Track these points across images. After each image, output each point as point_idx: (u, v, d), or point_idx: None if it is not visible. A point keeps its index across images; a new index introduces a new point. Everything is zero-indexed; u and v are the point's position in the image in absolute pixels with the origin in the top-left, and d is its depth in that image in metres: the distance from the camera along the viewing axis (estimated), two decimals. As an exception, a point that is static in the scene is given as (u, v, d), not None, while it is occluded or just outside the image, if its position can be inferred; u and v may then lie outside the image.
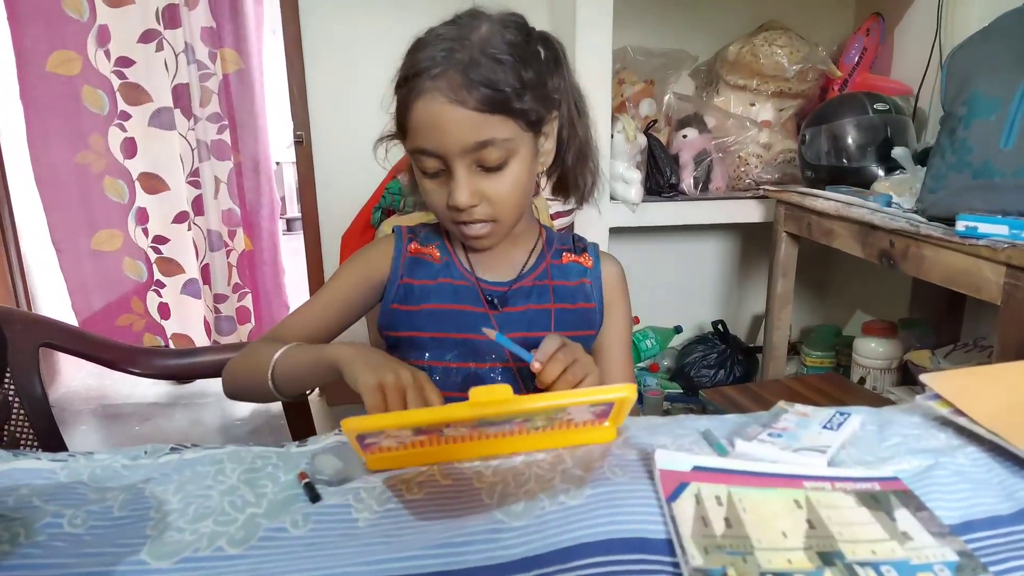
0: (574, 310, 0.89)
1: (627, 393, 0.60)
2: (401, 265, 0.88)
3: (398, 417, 0.60)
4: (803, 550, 0.49)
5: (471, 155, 0.75)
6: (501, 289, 0.88)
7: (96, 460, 0.64)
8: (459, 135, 0.74)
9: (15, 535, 0.53)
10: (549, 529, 0.52)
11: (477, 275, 0.88)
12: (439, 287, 0.87)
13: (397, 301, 0.87)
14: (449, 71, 0.73)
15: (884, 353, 1.91)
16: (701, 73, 2.30)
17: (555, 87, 0.81)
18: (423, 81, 0.73)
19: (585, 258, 0.93)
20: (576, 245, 0.94)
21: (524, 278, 0.89)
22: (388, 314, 0.88)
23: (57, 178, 2.46)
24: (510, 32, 0.77)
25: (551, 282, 0.89)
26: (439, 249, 0.90)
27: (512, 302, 0.87)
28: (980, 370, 0.76)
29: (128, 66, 2.42)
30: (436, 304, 0.86)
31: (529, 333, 0.85)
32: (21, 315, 1.14)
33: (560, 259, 0.92)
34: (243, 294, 2.70)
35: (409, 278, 0.87)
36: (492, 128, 0.74)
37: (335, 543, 0.52)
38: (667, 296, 2.52)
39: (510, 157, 0.77)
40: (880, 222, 1.46)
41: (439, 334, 0.85)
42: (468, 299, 0.86)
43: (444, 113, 0.73)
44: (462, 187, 0.76)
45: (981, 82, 1.27)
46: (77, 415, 2.55)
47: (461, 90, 0.72)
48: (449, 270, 0.88)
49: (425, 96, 0.73)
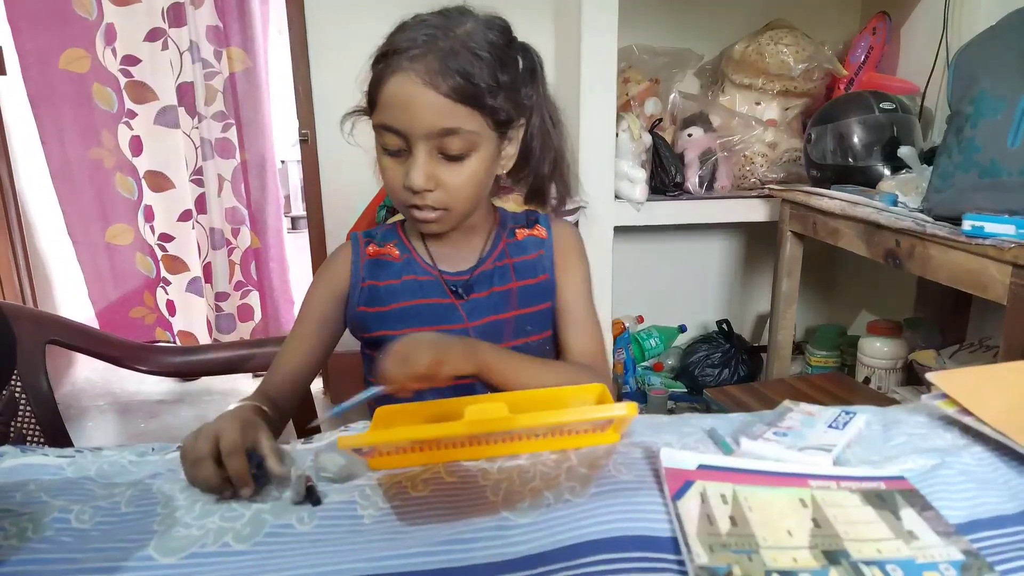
0: (535, 284, 0.90)
1: (627, 412, 0.59)
2: (361, 268, 0.89)
3: (393, 434, 0.60)
4: (808, 549, 0.49)
5: (434, 140, 0.76)
6: (463, 278, 0.89)
7: (103, 456, 0.65)
8: (426, 118, 0.75)
9: (23, 530, 0.53)
10: (554, 527, 0.53)
11: (439, 268, 0.90)
12: (404, 285, 0.88)
13: (363, 304, 0.89)
14: (428, 55, 0.74)
15: (889, 353, 1.90)
16: (706, 72, 2.30)
17: (528, 96, 0.83)
18: (400, 60, 0.75)
19: (539, 229, 0.93)
20: (528, 219, 0.95)
21: (484, 262, 0.90)
22: (356, 317, 0.89)
23: (72, 173, 2.49)
24: (493, 33, 0.79)
25: (510, 260, 0.90)
26: (398, 247, 0.91)
27: (477, 288, 0.88)
28: (986, 369, 0.76)
29: (134, 64, 2.43)
30: (404, 302, 0.88)
31: (496, 316, 0.88)
32: (28, 312, 1.14)
33: (515, 237, 0.93)
34: (246, 292, 2.71)
35: (372, 280, 0.89)
36: (459, 118, 0.76)
37: (341, 540, 0.53)
38: (671, 295, 2.52)
39: (472, 150, 0.79)
40: (886, 221, 1.46)
41: (411, 330, 0.85)
42: (434, 292, 0.88)
43: (416, 94, 0.74)
44: (419, 169, 0.77)
45: (988, 81, 1.27)
46: (84, 411, 2.56)
47: (436, 75, 0.74)
48: (411, 267, 0.90)
49: (400, 74, 0.74)
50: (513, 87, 0.80)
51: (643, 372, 2.35)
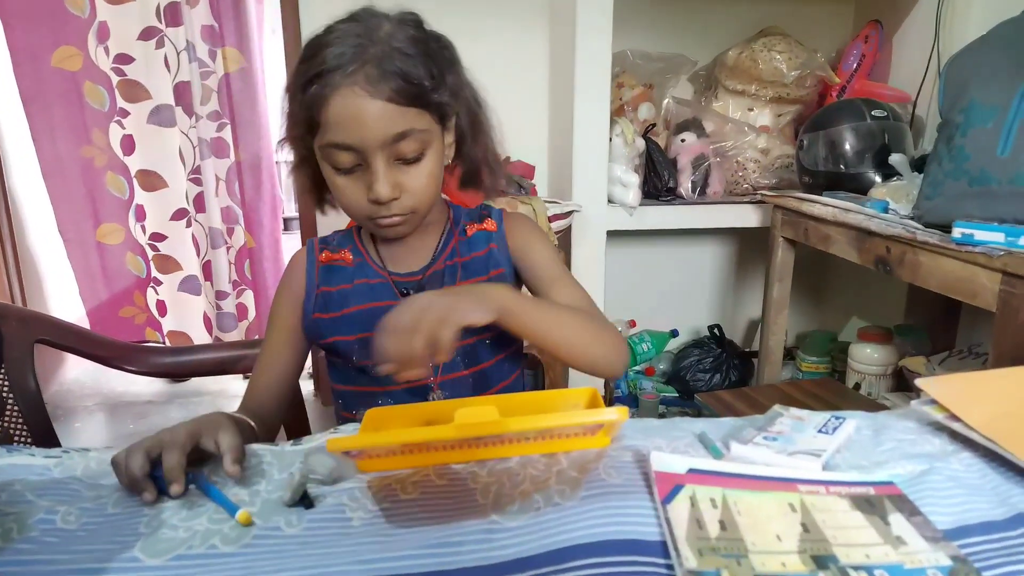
0: (487, 281, 0.89)
1: (617, 416, 0.59)
2: (316, 274, 0.89)
3: (383, 437, 0.60)
4: (797, 553, 0.50)
5: (389, 148, 0.76)
6: (415, 279, 0.88)
7: (90, 456, 0.64)
8: (379, 127, 0.74)
9: (8, 530, 0.53)
10: (544, 530, 0.52)
11: (389, 269, 0.89)
12: (355, 289, 0.88)
13: (317, 310, 0.88)
14: (365, 66, 0.73)
15: (879, 359, 1.91)
16: (700, 78, 2.31)
17: (453, 82, 0.82)
18: (336, 76, 0.73)
19: (489, 223, 0.92)
20: (480, 214, 0.94)
21: (436, 262, 0.89)
22: (312, 324, 0.89)
23: (63, 171, 2.48)
24: (411, 28, 0.79)
25: (460, 259, 0.90)
26: (352, 252, 0.91)
27: (429, 287, 0.87)
28: (975, 376, 0.76)
29: (127, 63, 2.42)
30: (355, 306, 0.87)
31: None
32: (16, 311, 1.13)
33: (465, 234, 0.92)
34: (241, 291, 2.70)
35: (325, 286, 0.89)
36: (409, 120, 0.75)
37: (329, 542, 0.52)
38: (664, 300, 2.52)
39: (426, 149, 0.78)
40: (877, 228, 1.46)
41: (363, 335, 0.86)
42: (384, 295, 0.87)
43: (363, 106, 0.73)
44: (382, 180, 0.76)
45: (978, 90, 1.28)
46: (72, 411, 2.54)
47: (379, 83, 0.73)
48: (364, 270, 0.89)
49: (342, 90, 0.73)
50: (442, 77, 0.79)
51: (635, 376, 2.35)
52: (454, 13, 2.35)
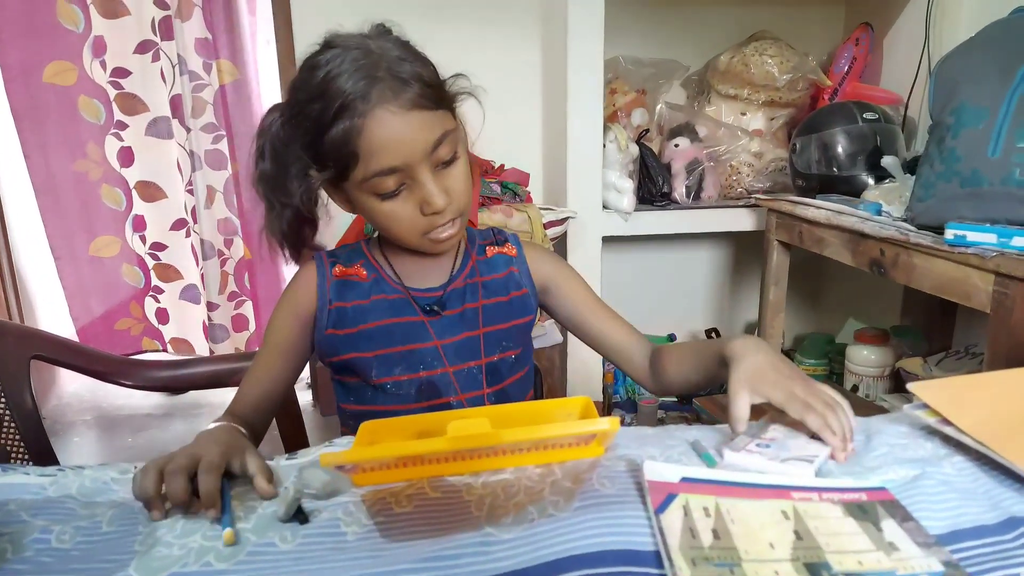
0: (507, 301, 0.90)
1: (609, 426, 0.59)
2: (328, 290, 0.86)
3: (376, 451, 0.60)
4: (790, 561, 0.50)
5: (431, 156, 0.75)
6: (435, 295, 0.87)
7: (85, 475, 0.64)
8: (419, 139, 0.74)
9: (2, 551, 0.53)
10: (538, 542, 0.53)
11: (406, 285, 0.88)
12: (373, 305, 0.86)
13: (331, 326, 0.86)
14: (382, 83, 0.72)
15: (876, 361, 1.92)
16: (692, 83, 2.32)
17: None
18: (360, 104, 0.71)
19: (508, 247, 0.93)
20: (497, 238, 0.95)
21: (456, 279, 0.89)
22: (324, 341, 0.86)
23: (56, 186, 2.47)
24: (392, 36, 0.79)
25: (480, 279, 0.90)
26: (365, 268, 0.88)
27: (449, 305, 0.87)
28: (967, 379, 0.76)
29: (124, 76, 2.42)
30: (374, 322, 0.85)
31: (466, 333, 0.87)
32: (12, 328, 1.13)
33: (484, 254, 0.92)
34: (241, 302, 2.70)
35: (340, 301, 0.86)
36: (440, 122, 0.76)
37: (324, 557, 0.52)
38: (660, 304, 2.53)
39: (457, 147, 0.78)
40: (870, 230, 1.47)
41: (382, 351, 0.85)
42: (403, 310, 0.86)
43: (399, 123, 0.72)
44: (435, 191, 0.76)
45: (968, 92, 1.28)
46: (70, 426, 2.54)
47: (402, 94, 0.72)
48: (380, 286, 0.87)
49: (374, 114, 0.71)
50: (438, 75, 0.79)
51: (633, 382, 2.35)
52: (446, 22, 2.37)
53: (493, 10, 2.18)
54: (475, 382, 0.87)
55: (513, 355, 0.91)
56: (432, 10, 2.16)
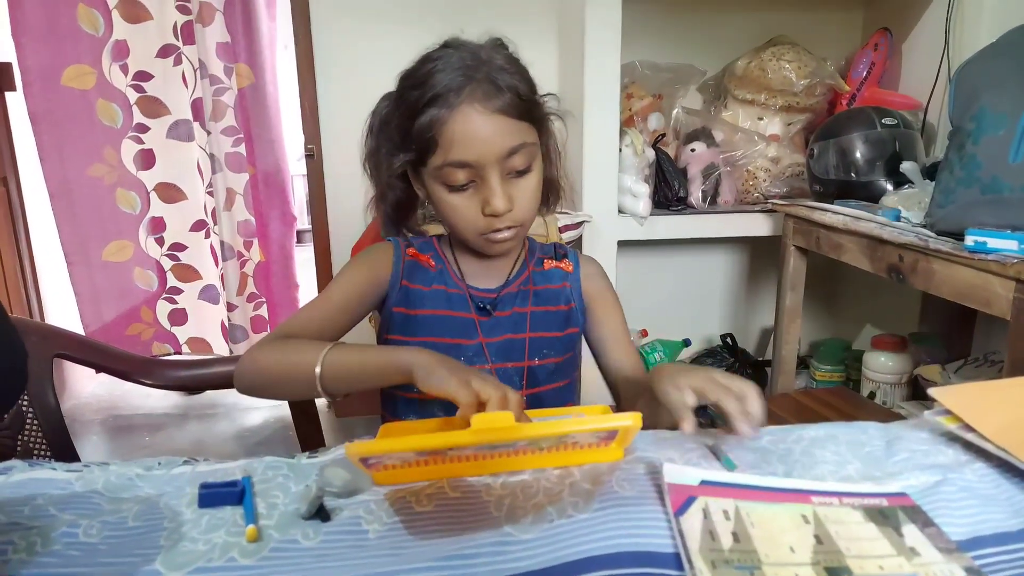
0: (555, 311, 0.94)
1: (632, 422, 0.60)
2: (402, 269, 0.92)
3: (401, 443, 0.60)
4: (811, 565, 0.50)
5: (503, 162, 0.79)
6: (491, 295, 0.92)
7: (110, 470, 0.65)
8: (496, 141, 0.77)
9: (31, 544, 0.54)
10: (557, 542, 0.53)
11: (468, 283, 0.92)
12: (433, 293, 0.91)
13: (398, 303, 0.91)
14: (478, 84, 0.77)
15: (894, 368, 1.90)
16: (709, 87, 2.31)
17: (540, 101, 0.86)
18: (452, 97, 0.76)
19: (566, 263, 0.98)
20: (557, 252, 0.99)
21: (511, 284, 0.93)
22: (390, 316, 0.91)
23: (70, 191, 2.48)
24: (505, 51, 0.83)
25: (533, 287, 0.94)
26: (434, 259, 0.94)
27: (501, 307, 0.92)
28: (989, 385, 0.76)
29: (146, 80, 2.45)
30: (430, 310, 0.90)
31: (513, 335, 0.91)
32: (35, 326, 1.15)
33: (542, 266, 0.97)
34: (259, 303, 2.73)
35: (408, 281, 0.91)
36: (521, 133, 0.79)
37: (345, 555, 0.53)
38: (675, 309, 2.52)
39: (532, 161, 0.82)
40: (889, 236, 1.46)
41: (429, 339, 0.88)
42: (459, 305, 0.91)
43: (482, 122, 0.77)
44: (499, 194, 0.79)
45: (989, 97, 1.28)
46: (87, 426, 2.57)
47: (493, 98, 0.77)
48: (443, 277, 0.92)
49: (462, 108, 0.76)
50: (536, 93, 0.84)
51: (647, 386, 2.34)
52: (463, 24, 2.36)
53: (510, 13, 2.19)
54: (513, 383, 0.90)
55: (553, 363, 0.93)
56: (449, 12, 2.17)
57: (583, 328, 0.98)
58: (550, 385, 0.94)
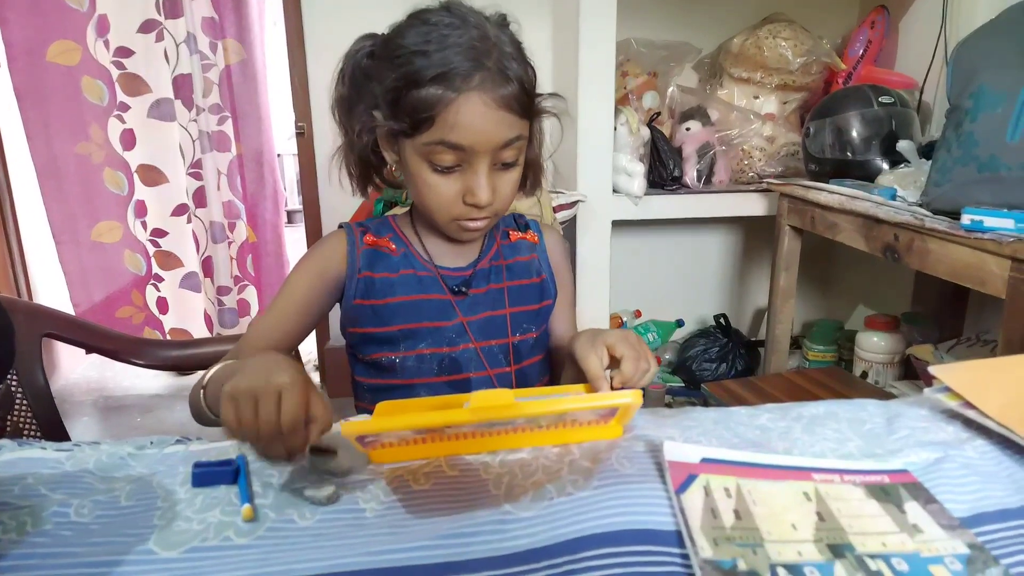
0: (529, 285, 0.93)
1: (632, 399, 0.59)
2: (358, 259, 0.86)
3: (398, 421, 0.59)
4: (813, 542, 0.49)
5: (495, 153, 0.76)
6: (464, 274, 0.89)
7: (102, 450, 0.64)
8: (495, 133, 0.75)
9: (22, 524, 0.52)
10: (557, 520, 0.52)
11: (436, 264, 0.88)
12: (402, 279, 0.86)
13: (359, 296, 0.85)
14: (487, 71, 0.73)
15: (886, 347, 1.91)
16: (705, 66, 2.29)
17: None
18: (459, 81, 0.73)
19: (530, 234, 0.96)
20: (518, 223, 0.97)
21: (481, 260, 0.90)
22: (351, 310, 0.86)
23: (57, 169, 2.43)
24: (509, 30, 0.79)
25: (504, 261, 0.92)
26: (393, 241, 0.89)
27: (475, 284, 0.89)
28: (989, 363, 0.76)
29: (127, 56, 2.40)
30: (402, 296, 0.86)
31: (492, 312, 0.89)
32: (23, 305, 1.13)
33: (508, 239, 0.94)
34: (243, 286, 2.69)
35: (369, 271, 0.86)
36: (517, 127, 0.77)
37: (343, 534, 0.52)
38: (669, 289, 2.52)
39: (520, 154, 0.80)
40: (885, 216, 1.46)
41: (409, 325, 0.86)
42: (432, 288, 0.87)
43: (486, 112, 0.74)
44: (484, 185, 0.77)
45: (988, 75, 1.27)
46: (78, 406, 2.55)
47: (501, 89, 0.74)
48: (409, 261, 0.88)
49: (470, 95, 0.73)
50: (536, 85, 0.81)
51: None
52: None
53: (503, -10, 2.15)
54: (498, 360, 0.89)
55: (532, 338, 0.92)
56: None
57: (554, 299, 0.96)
58: (531, 359, 0.92)
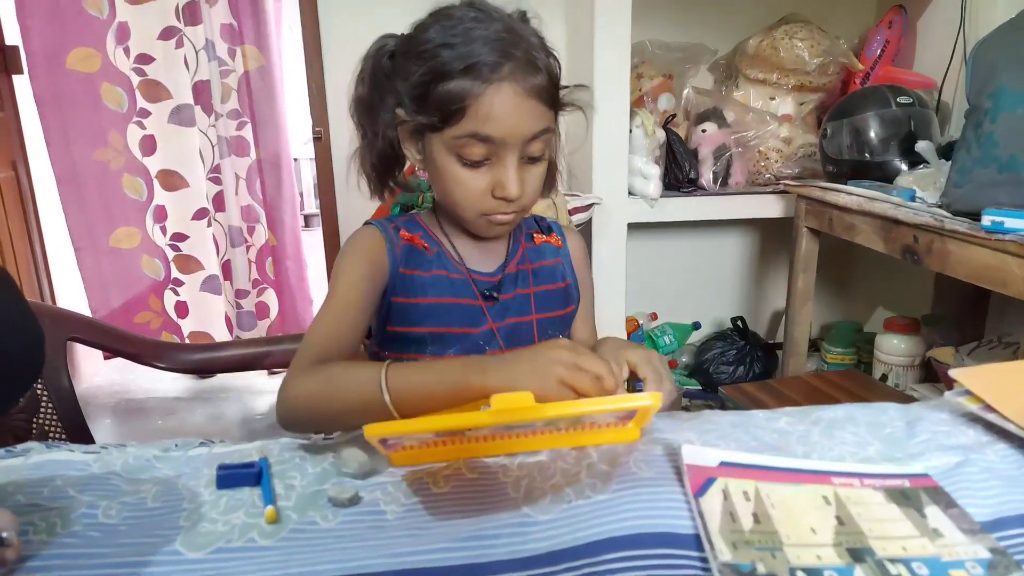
0: (555, 290, 0.92)
1: (651, 401, 0.59)
2: (398, 255, 0.84)
3: (420, 423, 0.60)
4: (833, 546, 0.49)
5: (525, 146, 0.76)
6: (493, 279, 0.87)
7: (128, 452, 0.65)
8: (525, 124, 0.75)
9: (52, 525, 0.54)
10: (576, 523, 0.53)
11: (468, 267, 0.87)
12: (434, 280, 0.84)
13: (396, 293, 0.83)
14: (517, 62, 0.73)
15: (906, 350, 1.89)
16: (720, 67, 2.29)
17: None
18: (488, 71, 0.72)
19: (553, 238, 0.95)
20: (541, 225, 0.96)
21: (508, 264, 0.90)
22: (389, 308, 0.84)
23: (77, 175, 2.47)
24: (530, 28, 0.80)
25: (530, 265, 0.91)
26: (424, 239, 0.86)
27: (503, 290, 0.87)
28: (1010, 366, 0.75)
29: (148, 63, 2.43)
30: (434, 298, 0.84)
31: (518, 318, 0.88)
32: (48, 309, 1.16)
33: (533, 242, 0.94)
34: (263, 289, 2.72)
35: (405, 267, 0.84)
36: (546, 119, 0.77)
37: (364, 536, 0.53)
38: (686, 292, 2.51)
39: (546, 148, 0.79)
40: (904, 217, 1.45)
41: (440, 328, 0.84)
42: (464, 292, 0.85)
43: (518, 103, 0.74)
44: (514, 179, 0.76)
45: (1008, 75, 1.25)
46: (100, 409, 2.58)
47: (530, 79, 0.74)
48: (441, 261, 0.86)
49: (501, 85, 0.73)
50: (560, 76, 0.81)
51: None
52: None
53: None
54: (529, 340, 0.88)
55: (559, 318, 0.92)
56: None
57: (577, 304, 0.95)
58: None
